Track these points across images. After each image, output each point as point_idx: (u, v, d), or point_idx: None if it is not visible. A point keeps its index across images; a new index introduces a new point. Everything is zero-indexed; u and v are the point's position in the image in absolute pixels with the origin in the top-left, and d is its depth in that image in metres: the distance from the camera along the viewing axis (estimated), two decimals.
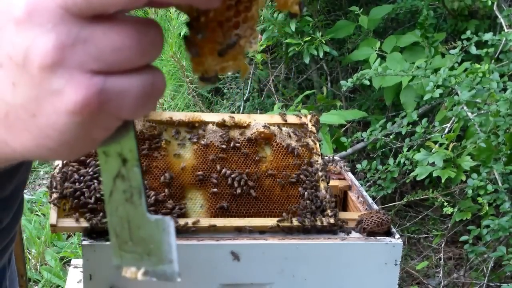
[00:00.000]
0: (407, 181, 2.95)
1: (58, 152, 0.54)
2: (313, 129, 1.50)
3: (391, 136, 3.01)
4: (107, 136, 0.55)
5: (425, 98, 2.68)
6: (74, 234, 3.36)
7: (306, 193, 1.40)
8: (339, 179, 1.61)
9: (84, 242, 1.25)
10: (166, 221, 0.58)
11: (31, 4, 0.48)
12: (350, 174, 1.64)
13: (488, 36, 2.69)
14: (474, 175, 2.49)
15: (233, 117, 1.46)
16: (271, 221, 1.35)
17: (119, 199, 0.60)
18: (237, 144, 1.42)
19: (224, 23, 0.59)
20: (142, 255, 0.59)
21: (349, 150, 3.33)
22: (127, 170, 0.58)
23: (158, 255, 0.59)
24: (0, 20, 0.49)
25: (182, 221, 1.31)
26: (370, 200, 1.50)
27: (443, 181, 2.61)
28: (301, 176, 1.42)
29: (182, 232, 1.30)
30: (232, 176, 1.38)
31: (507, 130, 2.47)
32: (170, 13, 4.83)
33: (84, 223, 1.26)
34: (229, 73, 4.67)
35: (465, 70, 2.65)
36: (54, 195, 1.29)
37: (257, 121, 1.47)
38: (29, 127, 0.51)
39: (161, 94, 0.54)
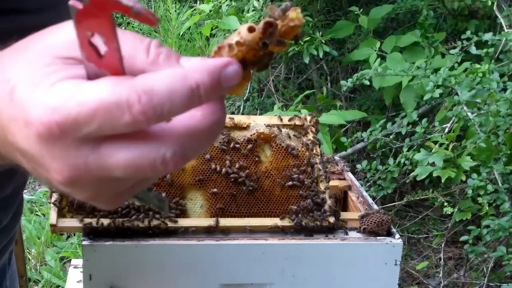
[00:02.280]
0: (407, 181, 2.94)
1: None
2: (313, 129, 1.50)
3: (391, 136, 3.00)
4: None
5: (425, 98, 2.68)
6: (74, 234, 3.36)
7: (306, 193, 1.40)
8: (339, 179, 1.61)
9: (84, 242, 1.25)
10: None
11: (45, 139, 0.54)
12: (350, 174, 1.64)
13: (488, 36, 2.69)
14: (474, 175, 2.49)
15: (233, 118, 1.46)
16: (271, 221, 1.35)
17: None
18: (237, 145, 1.43)
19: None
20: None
21: (349, 150, 3.33)
22: None
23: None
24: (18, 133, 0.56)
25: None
26: (370, 200, 1.50)
27: (443, 181, 2.61)
28: (301, 176, 1.42)
29: (182, 232, 1.30)
30: (230, 171, 1.38)
31: (507, 130, 2.47)
32: (170, 13, 4.83)
33: (84, 223, 1.26)
34: None
35: (465, 70, 2.65)
36: (54, 195, 1.30)
37: (257, 122, 1.47)
38: (49, 184, 0.60)
39: None
